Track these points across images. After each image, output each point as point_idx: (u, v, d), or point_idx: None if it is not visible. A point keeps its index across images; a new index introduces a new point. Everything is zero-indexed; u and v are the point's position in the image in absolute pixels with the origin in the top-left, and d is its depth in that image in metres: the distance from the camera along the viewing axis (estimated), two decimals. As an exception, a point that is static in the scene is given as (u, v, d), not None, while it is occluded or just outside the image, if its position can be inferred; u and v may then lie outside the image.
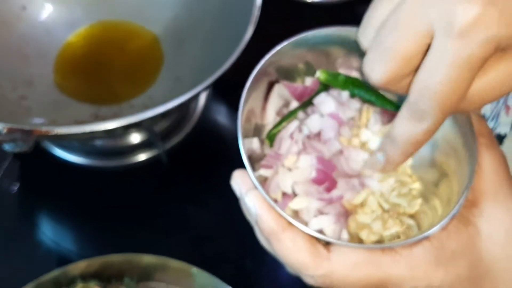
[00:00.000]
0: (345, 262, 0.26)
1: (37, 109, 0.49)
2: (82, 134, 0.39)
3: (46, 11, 0.54)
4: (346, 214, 0.30)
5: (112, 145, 0.52)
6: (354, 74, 0.32)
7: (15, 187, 0.51)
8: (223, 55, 0.41)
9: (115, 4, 0.54)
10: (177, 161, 0.52)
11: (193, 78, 0.49)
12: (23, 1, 0.53)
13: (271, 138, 0.32)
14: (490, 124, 0.45)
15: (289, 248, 0.26)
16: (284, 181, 0.30)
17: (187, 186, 0.51)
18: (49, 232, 0.49)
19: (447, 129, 0.30)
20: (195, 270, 0.39)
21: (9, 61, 0.50)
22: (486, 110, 0.46)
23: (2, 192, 0.51)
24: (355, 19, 0.28)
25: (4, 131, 0.38)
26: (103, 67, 0.53)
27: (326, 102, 0.32)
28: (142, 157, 0.52)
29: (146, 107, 0.51)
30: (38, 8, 0.53)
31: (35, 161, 0.50)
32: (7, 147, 0.38)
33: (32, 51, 0.52)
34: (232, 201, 0.31)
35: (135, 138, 0.51)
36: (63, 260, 0.46)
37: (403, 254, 0.26)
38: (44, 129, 0.38)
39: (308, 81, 0.33)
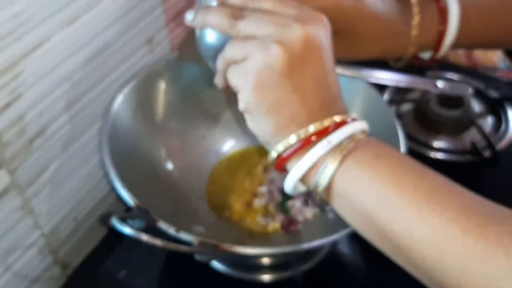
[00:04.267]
0: None
1: (203, 220, 0.59)
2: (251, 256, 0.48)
3: (220, 141, 0.66)
4: None
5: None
6: None
7: (122, 274, 0.58)
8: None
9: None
10: (311, 283, 0.57)
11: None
12: (204, 132, 0.66)
13: None
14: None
15: None
16: None
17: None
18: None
19: None
20: None
21: (188, 179, 0.61)
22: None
23: (109, 275, 0.57)
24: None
25: (196, 243, 0.48)
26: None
27: None
28: (272, 277, 0.57)
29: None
30: (214, 138, 0.66)
31: (140, 249, 0.58)
32: (198, 257, 0.47)
33: (205, 170, 0.64)
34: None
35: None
36: None
37: None
38: (226, 246, 0.47)
39: None
